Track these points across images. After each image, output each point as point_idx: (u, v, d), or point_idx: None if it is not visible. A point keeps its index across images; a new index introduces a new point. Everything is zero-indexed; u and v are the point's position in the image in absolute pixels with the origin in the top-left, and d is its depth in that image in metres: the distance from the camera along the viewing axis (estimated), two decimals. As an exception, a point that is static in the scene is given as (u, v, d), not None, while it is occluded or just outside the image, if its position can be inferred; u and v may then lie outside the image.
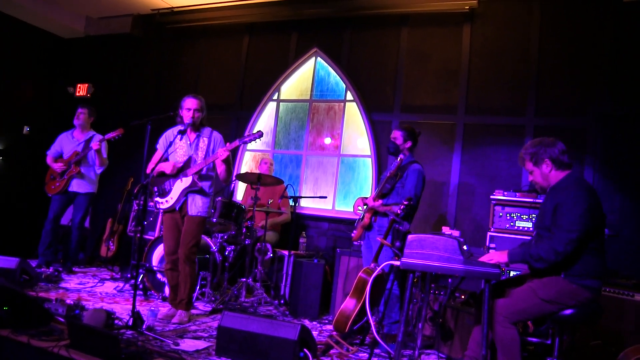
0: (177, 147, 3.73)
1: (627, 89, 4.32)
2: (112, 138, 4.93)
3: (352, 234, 3.84)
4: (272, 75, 5.91)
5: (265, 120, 6.02)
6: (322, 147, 5.71)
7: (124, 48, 7.00)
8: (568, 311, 2.49)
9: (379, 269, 3.31)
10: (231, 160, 3.68)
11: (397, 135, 3.81)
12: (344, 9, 5.55)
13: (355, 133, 5.54)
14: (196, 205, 3.67)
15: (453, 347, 3.36)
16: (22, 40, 6.79)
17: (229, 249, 4.60)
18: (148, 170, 3.68)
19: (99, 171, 5.23)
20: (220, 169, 3.66)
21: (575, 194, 2.50)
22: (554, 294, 2.48)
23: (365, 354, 3.21)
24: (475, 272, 2.46)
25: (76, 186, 5.11)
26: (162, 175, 3.71)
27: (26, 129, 6.88)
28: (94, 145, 4.94)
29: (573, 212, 2.45)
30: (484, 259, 2.60)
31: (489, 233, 4.08)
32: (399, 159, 3.67)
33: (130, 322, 3.05)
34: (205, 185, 3.72)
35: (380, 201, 3.62)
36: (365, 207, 3.77)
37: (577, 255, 2.48)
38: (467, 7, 4.95)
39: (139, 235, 4.40)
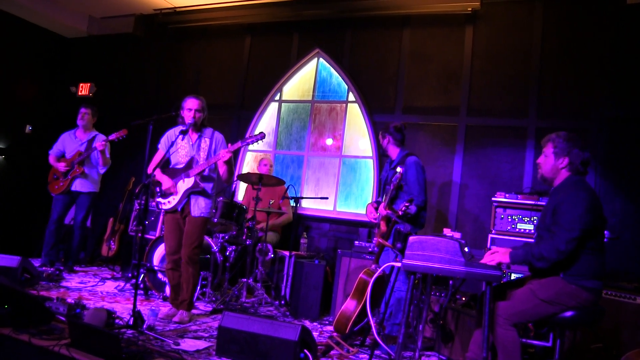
0: (179, 147, 3.73)
1: (631, 91, 4.31)
2: (115, 139, 4.93)
3: (373, 241, 3.88)
4: (273, 76, 5.91)
5: (267, 120, 6.02)
6: (324, 148, 5.71)
7: (126, 48, 7.01)
8: (568, 313, 2.49)
9: (380, 270, 3.31)
10: (233, 162, 3.69)
11: (379, 138, 4.01)
12: (345, 10, 5.54)
13: (357, 134, 5.54)
14: (199, 207, 3.67)
15: (453, 349, 3.36)
16: (25, 40, 6.81)
17: (230, 249, 4.61)
18: (149, 170, 3.70)
19: (102, 171, 5.24)
20: (222, 169, 3.67)
21: (575, 194, 2.52)
22: (554, 295, 2.48)
23: (365, 355, 3.21)
24: (476, 274, 2.45)
25: (79, 186, 5.12)
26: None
27: (28, 128, 6.89)
28: (99, 145, 4.94)
29: (573, 211, 2.46)
30: (486, 258, 2.60)
31: (491, 235, 4.07)
32: (398, 172, 3.66)
33: (131, 322, 3.05)
34: (207, 186, 3.72)
35: (389, 210, 3.62)
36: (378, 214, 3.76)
37: (576, 256, 2.49)
38: (470, 9, 4.94)
39: (140, 234, 4.41)
